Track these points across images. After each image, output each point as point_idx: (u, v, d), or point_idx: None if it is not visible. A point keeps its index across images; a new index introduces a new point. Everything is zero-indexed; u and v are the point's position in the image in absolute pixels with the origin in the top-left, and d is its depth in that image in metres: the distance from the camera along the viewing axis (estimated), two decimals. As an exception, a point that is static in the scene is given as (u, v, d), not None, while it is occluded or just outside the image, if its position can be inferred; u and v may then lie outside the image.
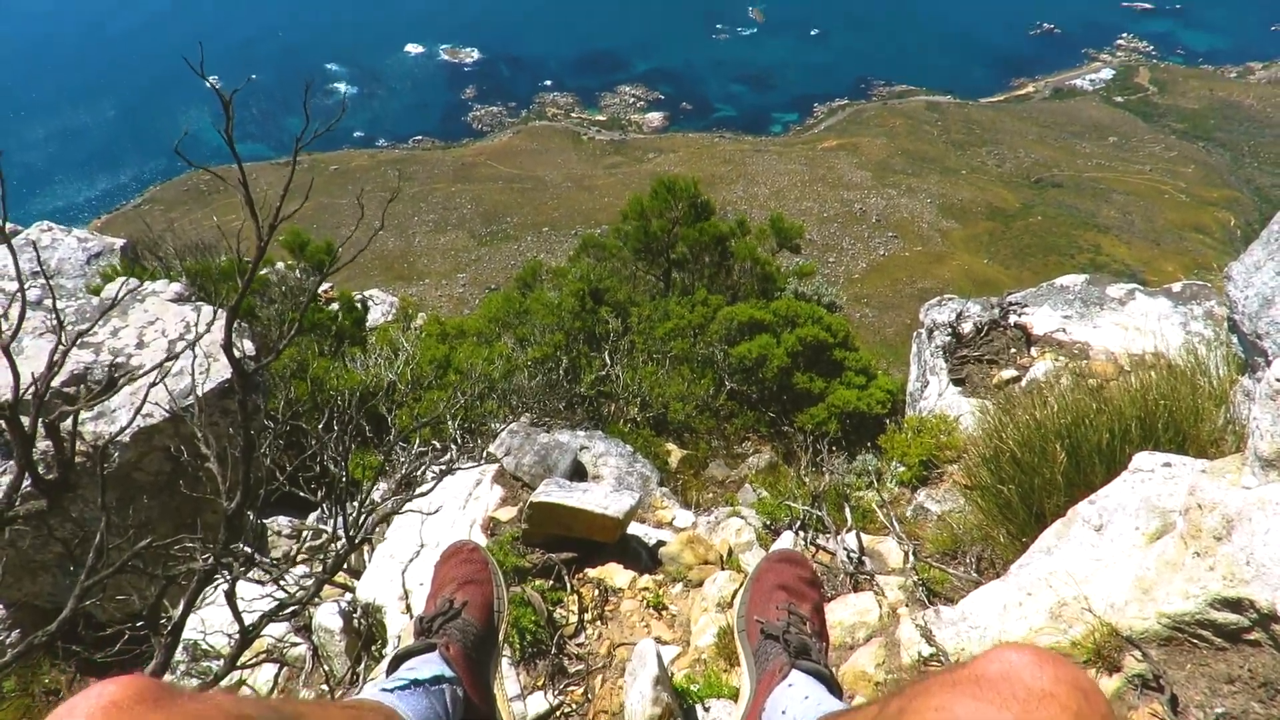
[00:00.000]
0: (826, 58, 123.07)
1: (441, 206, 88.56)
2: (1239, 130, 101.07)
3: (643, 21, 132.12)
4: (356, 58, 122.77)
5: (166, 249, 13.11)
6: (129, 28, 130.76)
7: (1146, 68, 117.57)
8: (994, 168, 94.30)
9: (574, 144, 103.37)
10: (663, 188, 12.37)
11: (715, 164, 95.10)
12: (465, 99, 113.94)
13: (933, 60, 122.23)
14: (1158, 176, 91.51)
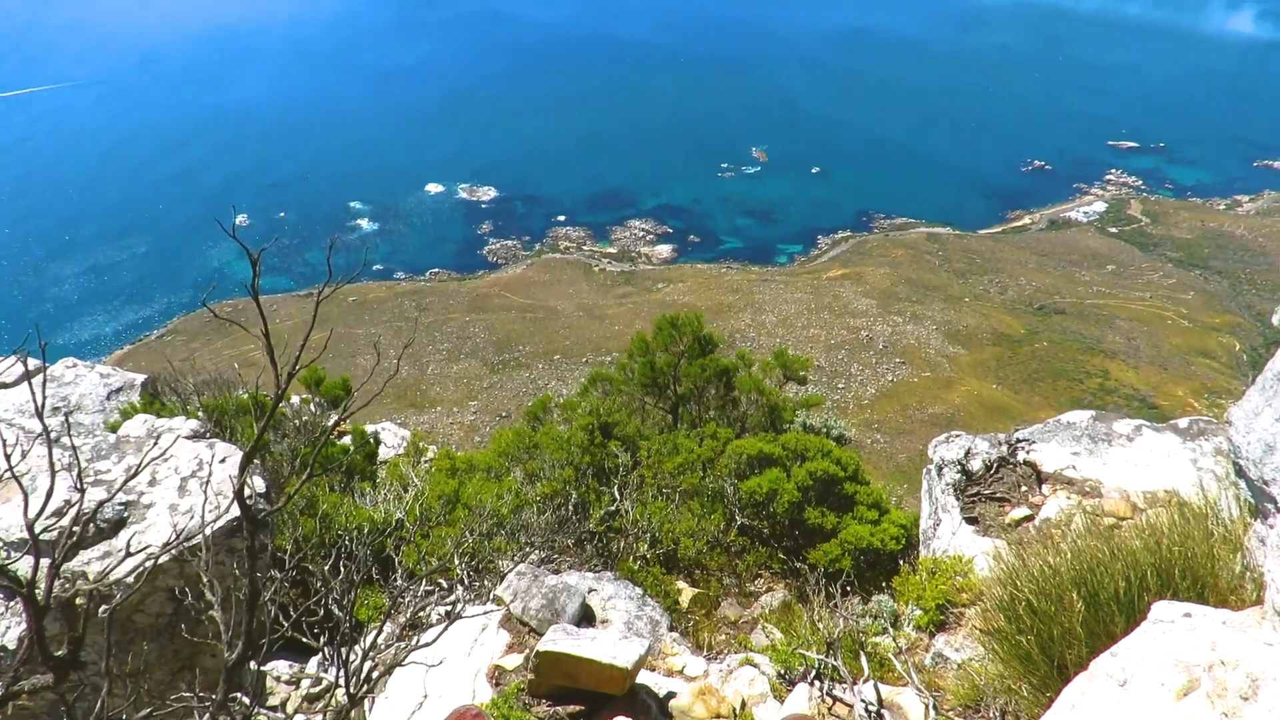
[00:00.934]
0: (828, 193, 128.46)
1: (455, 335, 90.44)
2: (1234, 259, 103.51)
3: (652, 162, 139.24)
4: (379, 196, 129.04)
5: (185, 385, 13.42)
6: (171, 172, 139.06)
7: (1137, 200, 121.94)
8: (996, 295, 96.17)
9: (585, 275, 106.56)
10: (667, 323, 12.69)
11: (723, 293, 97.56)
12: (481, 233, 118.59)
13: (930, 194, 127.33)
14: (1159, 303, 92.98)
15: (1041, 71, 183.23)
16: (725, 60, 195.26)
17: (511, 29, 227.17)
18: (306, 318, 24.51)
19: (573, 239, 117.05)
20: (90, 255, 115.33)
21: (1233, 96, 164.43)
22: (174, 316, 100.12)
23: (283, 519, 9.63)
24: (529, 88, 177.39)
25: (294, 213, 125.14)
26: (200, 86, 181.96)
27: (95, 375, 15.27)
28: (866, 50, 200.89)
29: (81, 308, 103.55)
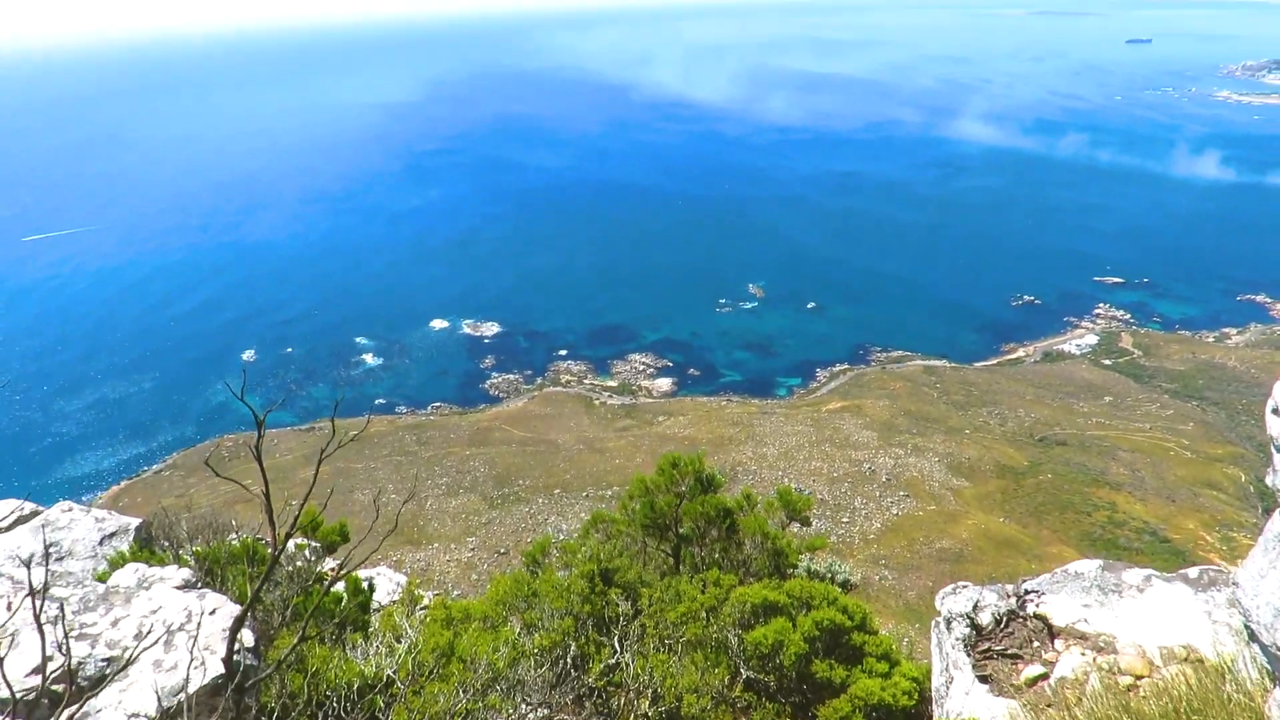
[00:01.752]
0: (824, 327, 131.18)
1: (455, 470, 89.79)
2: (1229, 390, 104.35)
3: (652, 298, 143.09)
4: (384, 332, 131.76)
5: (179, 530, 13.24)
6: (185, 309, 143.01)
7: (1128, 333, 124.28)
8: (996, 427, 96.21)
9: (586, 408, 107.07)
10: (668, 464, 12.67)
11: (724, 426, 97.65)
12: (484, 368, 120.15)
13: (924, 328, 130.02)
14: (1159, 434, 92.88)
15: (1023, 212, 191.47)
16: (721, 201, 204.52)
17: (517, 174, 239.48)
18: (307, 452, 25.07)
19: (574, 372, 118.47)
20: (97, 390, 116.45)
21: (1208, 235, 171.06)
22: (175, 451, 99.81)
23: (269, 668, 9.27)
24: (533, 228, 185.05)
25: (301, 348, 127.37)
26: (220, 229, 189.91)
27: (90, 519, 15.09)
28: (855, 192, 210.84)
29: (84, 442, 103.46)
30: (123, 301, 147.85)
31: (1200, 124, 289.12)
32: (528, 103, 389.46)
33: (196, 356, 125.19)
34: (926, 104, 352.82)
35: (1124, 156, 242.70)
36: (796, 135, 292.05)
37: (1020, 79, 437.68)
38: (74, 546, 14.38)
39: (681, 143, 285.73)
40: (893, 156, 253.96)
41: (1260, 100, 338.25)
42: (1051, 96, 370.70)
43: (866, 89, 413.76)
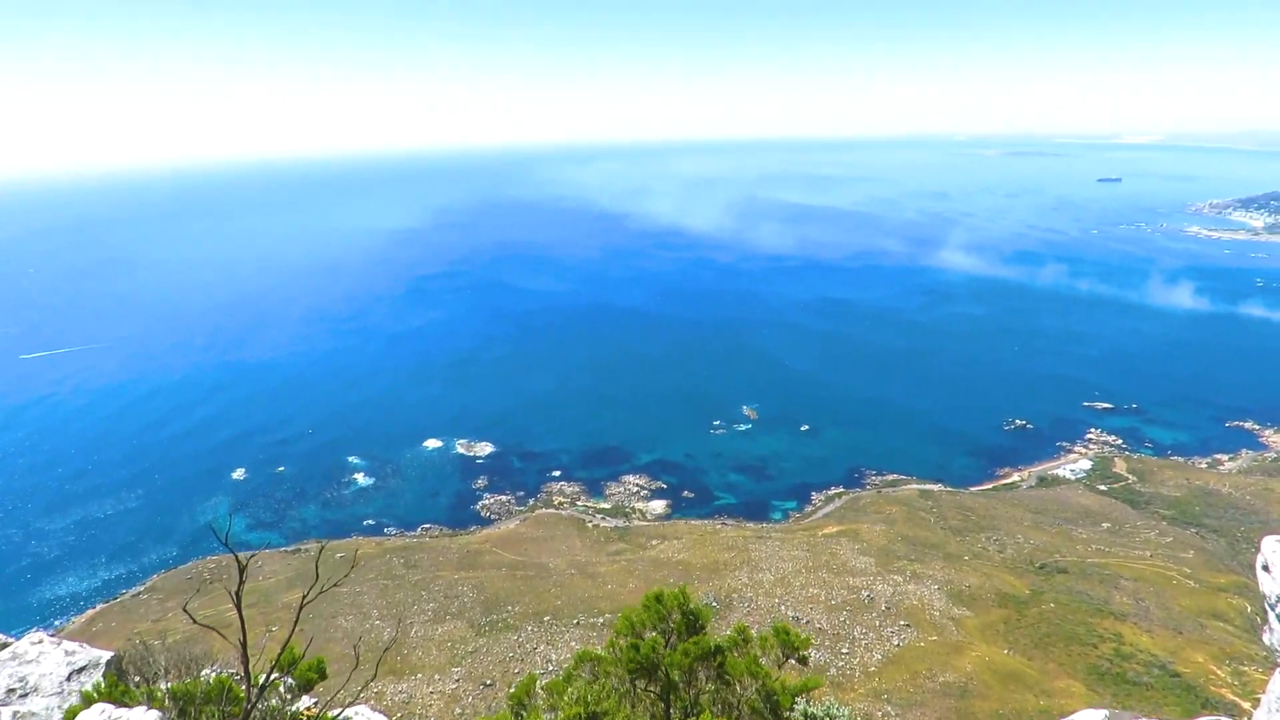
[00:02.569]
0: (819, 450, 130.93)
1: (443, 594, 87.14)
2: (1226, 516, 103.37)
3: (646, 419, 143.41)
4: (378, 451, 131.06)
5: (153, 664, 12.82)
6: (181, 428, 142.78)
7: (1121, 458, 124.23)
8: (995, 553, 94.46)
9: (579, 531, 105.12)
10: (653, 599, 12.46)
11: (718, 550, 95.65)
12: (476, 488, 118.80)
13: (919, 451, 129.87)
14: (1161, 562, 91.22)
15: (1010, 338, 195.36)
16: (716, 326, 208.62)
17: (516, 297, 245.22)
18: (291, 574, 24.81)
19: (567, 494, 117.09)
20: (84, 509, 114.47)
21: (1190, 362, 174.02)
22: (157, 573, 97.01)
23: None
24: (531, 350, 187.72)
25: (293, 467, 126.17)
26: (223, 348, 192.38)
27: (59, 653, 14.64)
28: (845, 318, 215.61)
29: (63, 563, 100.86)
30: (120, 419, 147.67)
31: (1173, 257, 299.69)
32: (529, 230, 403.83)
33: (187, 476, 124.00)
34: (911, 235, 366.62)
35: (1103, 286, 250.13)
36: (787, 263, 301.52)
37: (999, 213, 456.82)
38: (41, 682, 13.89)
39: (676, 269, 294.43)
40: (880, 284, 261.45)
41: (1229, 236, 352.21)
42: (1030, 230, 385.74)
43: (854, 220, 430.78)
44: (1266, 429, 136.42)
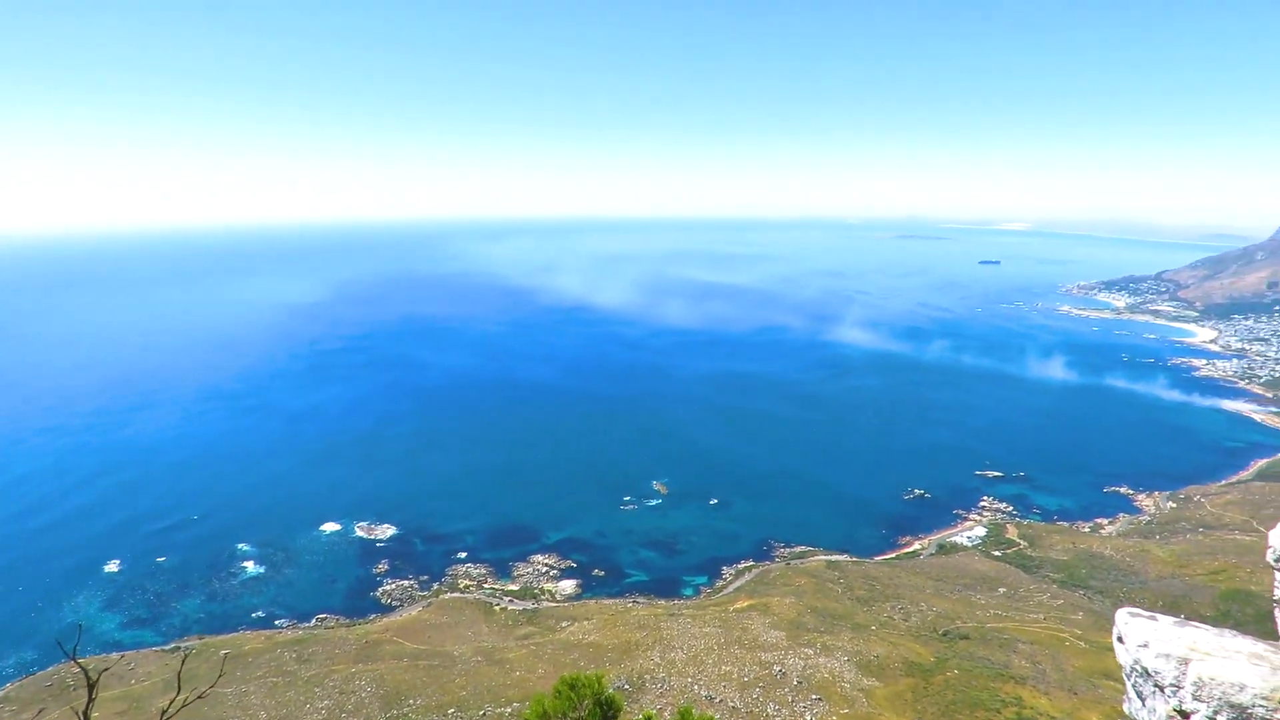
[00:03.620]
0: (728, 524, 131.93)
1: (338, 690, 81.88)
2: (1110, 578, 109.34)
3: (555, 497, 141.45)
4: (271, 537, 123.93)
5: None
6: (54, 518, 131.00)
7: (1013, 525, 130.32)
8: (901, 622, 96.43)
9: (485, 615, 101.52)
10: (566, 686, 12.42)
11: (630, 630, 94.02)
12: (376, 574, 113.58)
13: (825, 522, 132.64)
14: (1053, 624, 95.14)
15: (906, 409, 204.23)
16: (625, 400, 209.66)
17: (420, 373, 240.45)
18: (168, 676, 23.52)
19: (473, 576, 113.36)
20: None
21: (1068, 431, 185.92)
22: (11, 681, 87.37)
23: None
24: (436, 427, 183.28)
25: (175, 556, 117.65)
26: (105, 429, 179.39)
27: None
28: (751, 392, 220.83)
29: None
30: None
31: (1049, 334, 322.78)
32: (436, 304, 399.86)
33: (54, 571, 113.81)
34: (812, 311, 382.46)
35: (988, 360, 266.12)
36: (694, 338, 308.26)
37: (892, 291, 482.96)
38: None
39: (585, 344, 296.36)
40: (784, 358, 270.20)
41: (1095, 315, 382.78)
42: (921, 307, 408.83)
43: (757, 297, 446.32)
44: (1139, 493, 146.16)
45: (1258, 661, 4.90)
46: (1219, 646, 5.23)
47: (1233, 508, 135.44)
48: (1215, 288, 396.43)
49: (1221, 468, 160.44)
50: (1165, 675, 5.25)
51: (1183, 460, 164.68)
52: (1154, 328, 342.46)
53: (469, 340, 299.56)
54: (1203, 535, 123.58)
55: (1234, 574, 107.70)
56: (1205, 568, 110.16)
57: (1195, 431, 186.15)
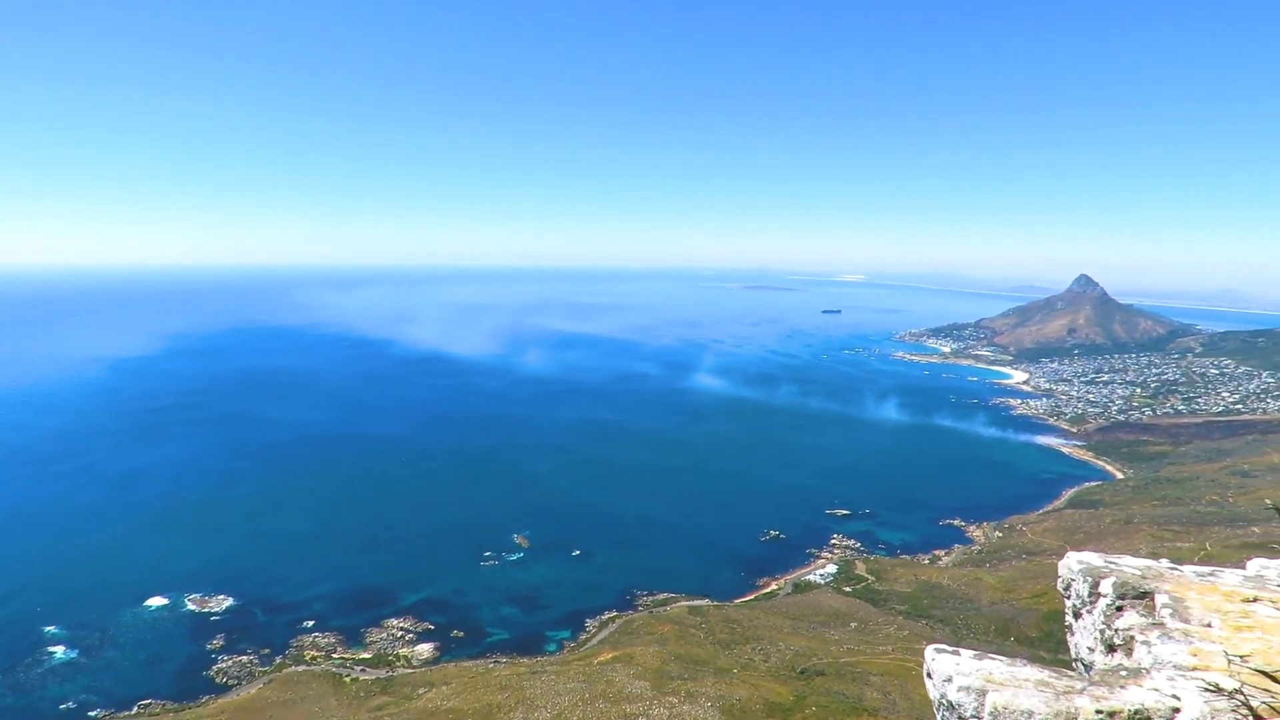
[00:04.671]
0: (591, 574, 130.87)
1: (162, 786, 73.63)
2: (948, 606, 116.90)
3: (411, 557, 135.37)
4: (85, 617, 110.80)
5: None
6: None
7: (861, 560, 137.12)
8: (761, 663, 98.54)
9: (334, 687, 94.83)
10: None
11: (492, 692, 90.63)
12: (210, 649, 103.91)
13: (686, 567, 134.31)
14: (901, 655, 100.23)
15: (759, 453, 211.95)
16: (483, 452, 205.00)
17: (264, 429, 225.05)
18: None
19: (321, 646, 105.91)
20: None
21: (908, 469, 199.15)
22: None
23: None
24: (281, 488, 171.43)
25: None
26: None
27: None
28: (611, 440, 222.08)
29: None
30: None
31: (887, 377, 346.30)
32: (282, 356, 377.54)
33: None
34: (668, 360, 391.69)
35: (833, 403, 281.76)
36: (554, 387, 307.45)
37: (744, 339, 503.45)
38: None
39: (442, 396, 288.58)
40: (642, 406, 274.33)
41: (925, 359, 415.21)
42: (771, 354, 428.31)
43: (615, 346, 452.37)
44: (970, 525, 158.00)
45: (1043, 688, 5.50)
46: (1010, 676, 5.81)
47: (1049, 534, 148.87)
48: (1025, 334, 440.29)
49: (1038, 498, 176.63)
50: (967, 707, 5.75)
51: (1005, 492, 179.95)
52: (976, 370, 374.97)
53: (318, 394, 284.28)
54: (1026, 561, 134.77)
55: (1053, 597, 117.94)
56: (1029, 591, 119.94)
57: (1014, 465, 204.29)
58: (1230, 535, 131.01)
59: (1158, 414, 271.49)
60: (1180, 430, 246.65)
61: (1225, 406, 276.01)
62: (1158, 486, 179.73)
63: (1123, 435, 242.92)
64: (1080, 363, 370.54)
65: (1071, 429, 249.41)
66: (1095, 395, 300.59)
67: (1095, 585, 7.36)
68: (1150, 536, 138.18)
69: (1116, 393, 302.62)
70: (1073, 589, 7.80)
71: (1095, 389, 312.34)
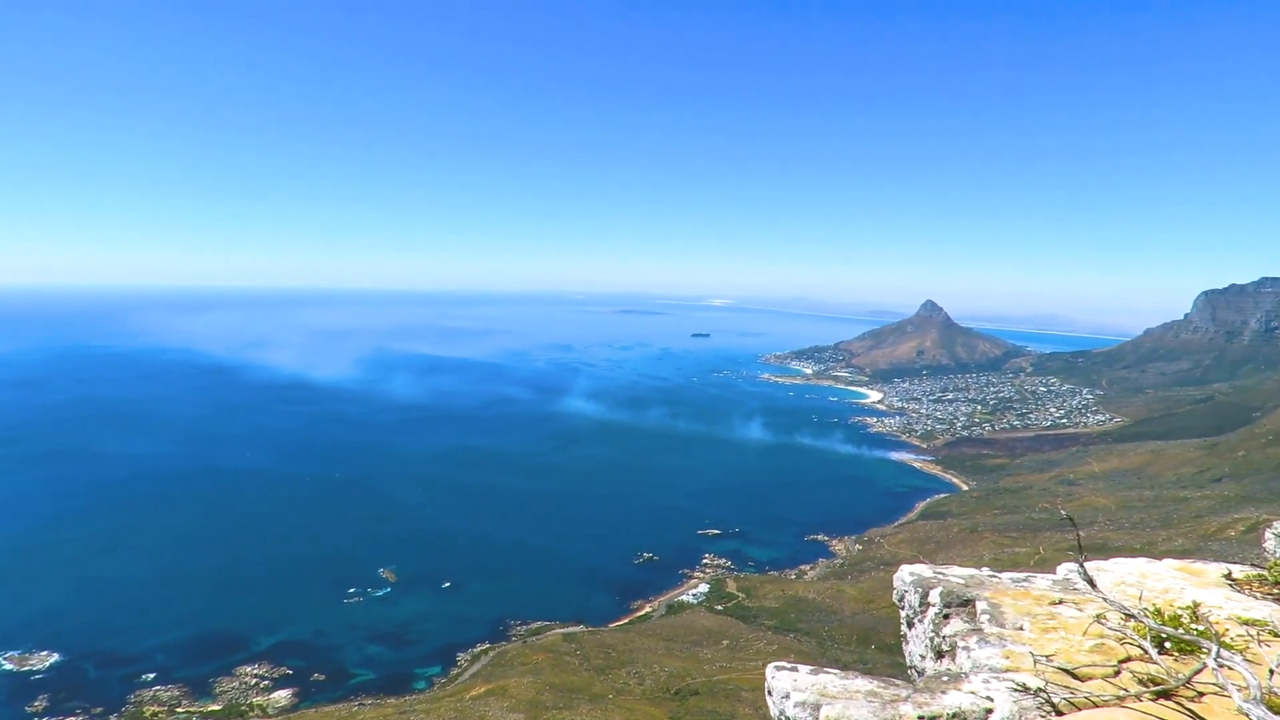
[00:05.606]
0: (462, 607, 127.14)
1: None
2: (814, 619, 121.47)
3: (267, 596, 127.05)
4: None
5: None
6: None
7: (732, 579, 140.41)
8: (636, 686, 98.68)
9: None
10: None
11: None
12: (30, 713, 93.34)
13: (560, 594, 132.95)
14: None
15: (632, 475, 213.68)
16: (347, 483, 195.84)
17: (99, 465, 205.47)
18: None
19: (163, 700, 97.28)
20: None
21: (774, 487, 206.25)
22: None
23: None
24: (118, 528, 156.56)
25: None
26: None
27: None
28: (482, 466, 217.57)
29: None
30: None
31: (754, 399, 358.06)
32: (119, 385, 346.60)
33: None
34: (540, 384, 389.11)
35: (702, 425, 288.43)
36: (422, 414, 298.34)
37: (616, 363, 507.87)
38: None
39: (301, 424, 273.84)
40: (514, 430, 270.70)
41: (790, 381, 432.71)
42: (642, 377, 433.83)
43: (486, 371, 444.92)
44: (833, 539, 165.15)
45: (872, 699, 5.93)
46: (843, 689, 6.22)
47: (904, 545, 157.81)
48: (880, 355, 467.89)
49: (894, 510, 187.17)
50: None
51: (864, 506, 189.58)
52: (836, 391, 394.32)
53: (162, 425, 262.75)
54: (884, 572, 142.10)
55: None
56: (887, 601, 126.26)
57: (872, 480, 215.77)
58: (1060, 539, 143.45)
59: (996, 429, 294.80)
60: (1016, 444, 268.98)
61: (1053, 421, 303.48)
62: (998, 496, 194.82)
63: (967, 450, 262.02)
64: (928, 382, 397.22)
65: (922, 444, 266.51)
66: (942, 412, 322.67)
67: (925, 595, 7.97)
68: (992, 543, 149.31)
69: (960, 410, 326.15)
70: (906, 600, 8.41)
71: (942, 406, 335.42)
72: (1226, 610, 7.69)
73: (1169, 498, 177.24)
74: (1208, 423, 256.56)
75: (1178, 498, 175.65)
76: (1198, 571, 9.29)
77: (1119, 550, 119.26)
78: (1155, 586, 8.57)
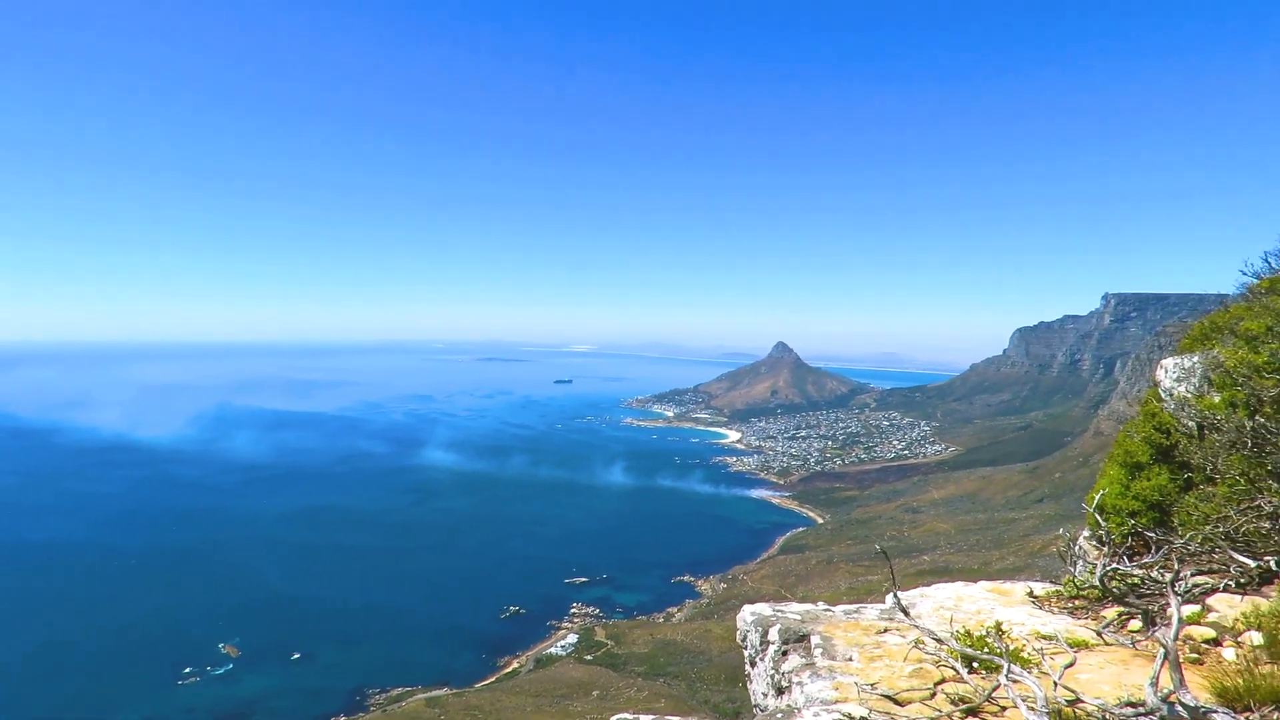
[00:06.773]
0: (314, 679, 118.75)
1: None
2: (683, 661, 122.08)
3: (88, 685, 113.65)
4: None
5: None
6: None
7: (601, 626, 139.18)
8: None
9: None
10: None
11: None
12: None
13: (423, 657, 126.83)
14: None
15: (494, 527, 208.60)
16: (181, 551, 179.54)
17: None
18: None
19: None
20: None
21: (640, 530, 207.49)
22: None
23: None
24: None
25: None
26: None
27: None
28: (334, 526, 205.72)
29: None
30: None
31: (617, 443, 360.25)
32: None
33: None
34: (397, 436, 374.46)
35: (564, 471, 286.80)
36: (266, 473, 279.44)
37: (478, 412, 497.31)
38: None
39: (126, 489, 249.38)
40: (368, 486, 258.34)
41: (652, 424, 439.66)
42: (504, 426, 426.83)
43: (339, 424, 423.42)
44: (699, 579, 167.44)
45: None
46: None
47: (767, 580, 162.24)
48: (737, 396, 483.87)
49: (756, 547, 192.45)
50: (647, 769, 6.31)
51: (728, 544, 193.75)
52: (697, 432, 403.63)
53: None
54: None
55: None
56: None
57: (734, 519, 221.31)
58: (908, 565, 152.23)
59: (846, 463, 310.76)
60: (864, 476, 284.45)
61: (896, 453, 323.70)
62: (850, 527, 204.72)
63: (820, 484, 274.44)
64: (783, 420, 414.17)
65: (779, 481, 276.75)
66: (797, 449, 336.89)
67: (765, 634, 8.36)
68: (848, 573, 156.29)
69: (813, 446, 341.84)
70: (748, 640, 8.78)
71: (796, 443, 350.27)
72: (1028, 626, 8.55)
73: (1000, 520, 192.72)
74: (1028, 448, 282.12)
75: (1007, 519, 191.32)
76: (1006, 592, 10.27)
77: (960, 572, 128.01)
78: (970, 609, 9.39)
